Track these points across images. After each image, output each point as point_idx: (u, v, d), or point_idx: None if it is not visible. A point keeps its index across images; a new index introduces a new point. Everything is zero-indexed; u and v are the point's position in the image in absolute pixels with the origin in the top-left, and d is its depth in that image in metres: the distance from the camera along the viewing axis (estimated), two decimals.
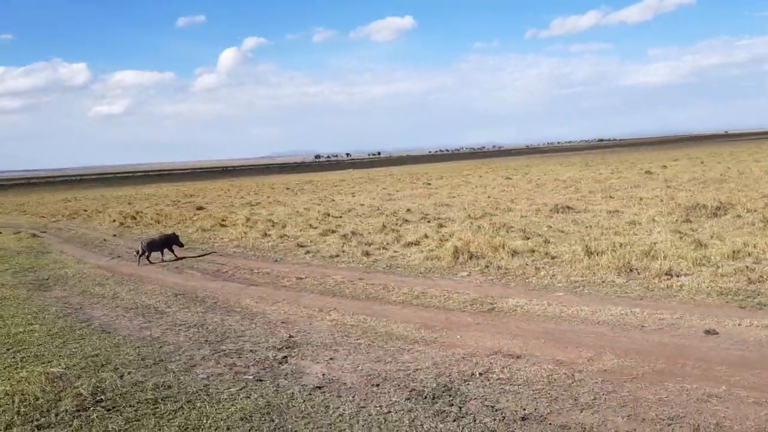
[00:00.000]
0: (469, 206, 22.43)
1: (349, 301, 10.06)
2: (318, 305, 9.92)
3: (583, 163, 59.34)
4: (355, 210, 24.33)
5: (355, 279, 11.68)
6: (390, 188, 38.62)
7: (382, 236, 16.07)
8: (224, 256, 15.88)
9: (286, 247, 15.93)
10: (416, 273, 11.77)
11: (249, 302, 10.52)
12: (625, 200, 20.97)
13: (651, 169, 37.86)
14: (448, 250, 12.88)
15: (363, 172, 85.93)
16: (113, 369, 7.13)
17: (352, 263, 13.27)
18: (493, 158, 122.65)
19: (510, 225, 15.98)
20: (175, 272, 14.17)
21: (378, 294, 10.43)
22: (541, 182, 33.66)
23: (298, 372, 6.82)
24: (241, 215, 25.11)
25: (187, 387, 6.36)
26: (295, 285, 11.64)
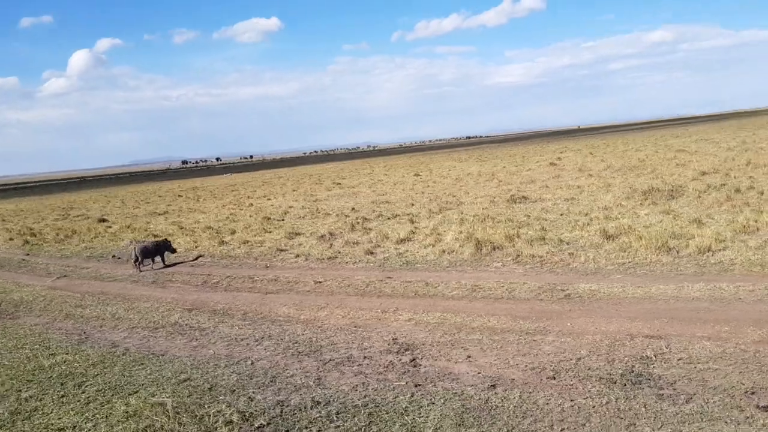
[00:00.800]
0: (416, 201, 22.65)
1: (404, 300, 9.86)
2: (372, 306, 9.70)
3: (474, 159, 61.55)
4: (291, 212, 23.94)
5: (383, 278, 11.50)
6: (300, 190, 38.10)
7: (360, 235, 15.90)
8: (196, 266, 15.12)
9: (263, 253, 15.40)
10: (441, 268, 11.76)
11: (288, 311, 10.07)
12: (565, 189, 21.98)
13: (553, 161, 40.02)
14: (463, 242, 12.96)
15: (244, 176, 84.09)
16: (230, 392, 6.55)
17: (359, 263, 13.04)
18: (375, 157, 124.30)
19: (487, 217, 16.26)
20: (157, 286, 13.37)
21: (426, 291, 10.30)
22: (457, 177, 34.60)
23: (447, 373, 6.58)
24: (166, 225, 23.85)
25: (359, 401, 5.96)
26: (320, 289, 11.31)
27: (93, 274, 15.59)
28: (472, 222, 15.76)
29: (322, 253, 14.25)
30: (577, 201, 18.12)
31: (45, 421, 6.26)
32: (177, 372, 7.38)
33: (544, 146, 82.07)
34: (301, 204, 27.63)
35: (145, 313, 10.80)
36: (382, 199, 25.73)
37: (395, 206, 21.97)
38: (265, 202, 31.95)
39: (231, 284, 12.70)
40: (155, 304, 11.48)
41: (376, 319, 9.03)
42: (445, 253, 12.69)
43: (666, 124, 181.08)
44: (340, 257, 13.78)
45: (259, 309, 10.36)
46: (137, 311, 11.04)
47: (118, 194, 61.15)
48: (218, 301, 11.30)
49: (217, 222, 22.86)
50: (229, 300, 11.28)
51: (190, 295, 12.14)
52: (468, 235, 13.80)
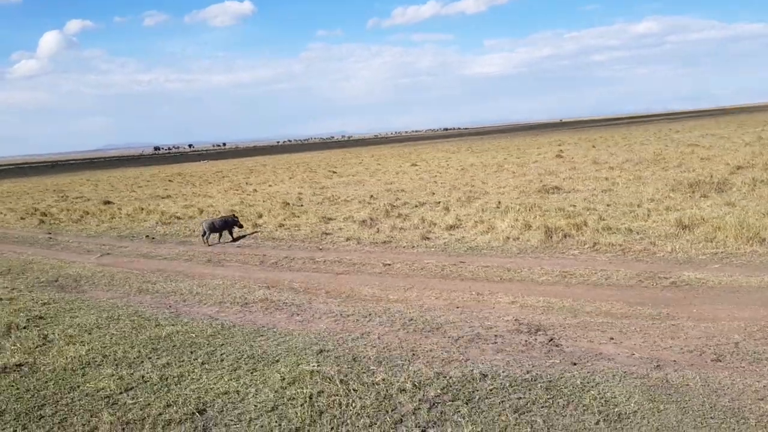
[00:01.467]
0: (435, 191, 23.15)
1: (493, 284, 10.11)
2: (461, 288, 9.96)
3: (465, 150, 62.26)
4: (304, 199, 24.52)
5: (456, 262, 11.74)
6: (297, 178, 38.38)
7: (401, 221, 16.40)
8: (244, 247, 15.20)
9: (306, 236, 15.69)
10: (511, 254, 12.05)
11: (372, 290, 10.27)
12: (594, 181, 22.42)
13: (558, 153, 40.61)
14: (521, 229, 13.39)
15: (223, 163, 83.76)
16: (378, 362, 6.81)
17: (417, 247, 13.45)
18: (353, 147, 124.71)
19: (533, 206, 16.63)
20: (213, 265, 13.58)
21: (511, 275, 10.55)
22: (461, 168, 35.19)
23: (597, 353, 6.78)
24: (179, 207, 24.07)
25: (526, 375, 6.20)
26: (391, 271, 11.61)
27: (136, 253, 15.61)
28: (519, 210, 15.97)
29: (373, 237, 14.48)
30: (616, 192, 18.48)
31: (201, 386, 6.34)
32: (307, 344, 7.49)
33: (533, 139, 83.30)
34: (311, 191, 27.77)
35: (224, 290, 10.88)
36: (393, 187, 26.14)
37: (413, 195, 22.52)
38: (269, 188, 32.05)
39: (292, 264, 12.85)
40: (226, 282, 11.57)
41: (474, 300, 9.21)
42: (510, 239, 12.91)
43: (654, 118, 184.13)
44: (395, 242, 14.01)
45: (338, 288, 10.51)
46: (212, 287, 11.12)
47: (100, 178, 60.46)
48: (291, 279, 11.46)
49: (233, 206, 22.82)
50: (301, 279, 11.42)
51: (256, 273, 12.26)
52: (525, 223, 14.06)
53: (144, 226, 19.97)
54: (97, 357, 7.46)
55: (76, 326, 8.89)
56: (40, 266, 14.31)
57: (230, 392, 6.09)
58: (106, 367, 7.06)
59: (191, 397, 6.05)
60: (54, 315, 9.70)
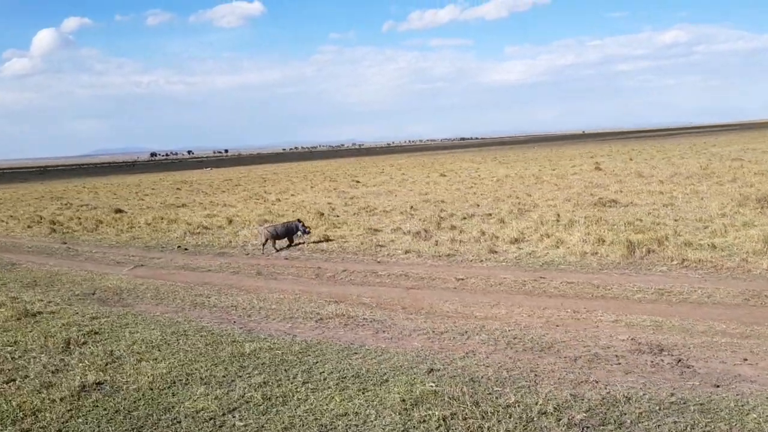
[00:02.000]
0: (479, 202, 23.57)
1: (587, 301, 10.06)
2: (554, 305, 9.96)
3: (491, 161, 62.82)
4: (337, 209, 24.85)
5: (536, 278, 11.74)
6: (320, 186, 38.90)
7: (457, 234, 16.59)
8: (293, 259, 15.31)
9: (359, 248, 15.84)
10: (593, 269, 12.06)
11: (453, 306, 10.31)
12: (648, 195, 22.50)
13: (596, 165, 40.70)
14: (594, 243, 13.48)
15: (228, 171, 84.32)
16: (499, 383, 6.68)
17: (486, 261, 13.57)
18: (366, 156, 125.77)
19: (600, 219, 16.64)
20: (265, 278, 13.63)
21: (603, 293, 10.51)
22: (497, 179, 35.66)
23: (735, 375, 6.68)
24: (202, 217, 24.32)
25: (671, 398, 6.09)
26: (466, 287, 11.71)
27: (172, 265, 15.71)
28: (585, 224, 15.94)
29: (435, 250, 14.57)
30: (678, 207, 18.44)
31: (312, 407, 6.25)
32: (411, 362, 7.40)
33: (559, 150, 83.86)
34: (341, 201, 27.94)
35: (289, 304, 10.88)
36: (431, 198, 26.45)
37: (456, 206, 22.95)
38: (293, 197, 32.17)
39: (353, 278, 12.90)
40: (287, 296, 11.57)
41: (572, 319, 9.14)
42: (587, 254, 12.85)
43: (682, 132, 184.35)
44: (459, 255, 14.04)
45: (415, 304, 10.49)
46: (275, 302, 11.11)
47: (96, 185, 60.67)
48: (359, 294, 11.51)
49: (260, 216, 22.92)
50: (370, 294, 11.46)
51: (316, 287, 12.30)
52: (598, 237, 14.01)
53: (171, 236, 19.98)
54: (181, 375, 7.36)
55: (141, 342, 8.81)
56: (69, 278, 14.29)
57: (349, 414, 5.98)
58: (196, 386, 6.96)
59: (308, 419, 5.93)
60: (110, 330, 9.62)
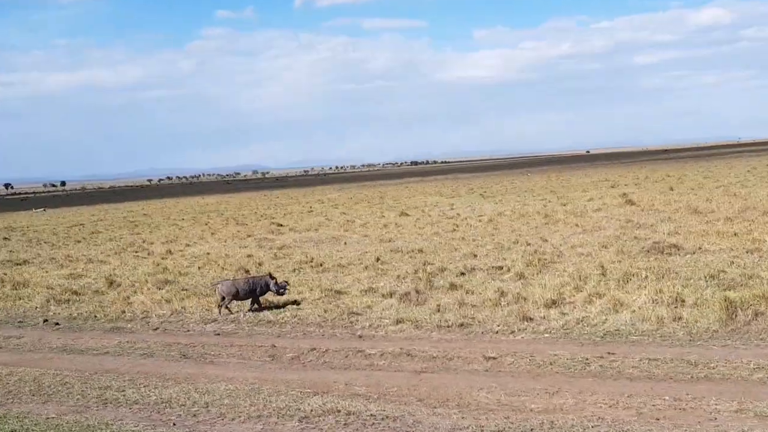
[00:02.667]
0: (476, 251, 24.47)
1: (685, 386, 10.43)
2: (638, 392, 10.33)
3: (466, 192, 64.14)
4: (264, 264, 25.46)
5: (601, 354, 12.18)
6: (226, 233, 40.61)
7: (459, 294, 17.13)
8: (225, 335, 15.87)
9: (321, 317, 16.44)
10: (680, 341, 12.55)
11: (498, 397, 10.58)
12: (717, 237, 23.26)
13: (627, 198, 41.82)
14: (668, 305, 14.14)
15: (66, 212, 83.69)
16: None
17: (519, 333, 14.04)
18: (273, 189, 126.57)
19: (668, 271, 17.35)
20: (197, 362, 13.85)
21: (702, 373, 10.90)
22: (488, 218, 36.83)
23: None
24: (62, 278, 24.52)
25: None
26: (501, 368, 12.06)
27: (45, 346, 15.91)
28: (647, 278, 16.41)
29: (440, 319, 15.05)
30: (766, 254, 19.05)
31: None
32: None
33: (560, 176, 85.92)
34: (268, 253, 28.56)
35: (247, 398, 11.13)
36: (399, 246, 27.13)
37: (442, 257, 23.77)
38: (190, 249, 32.53)
39: (330, 360, 13.32)
40: (240, 386, 11.82)
41: (675, 409, 9.50)
42: (666, 320, 13.36)
43: (729, 151, 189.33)
44: (477, 325, 14.58)
45: (436, 394, 10.85)
46: (224, 395, 11.36)
47: None
48: (348, 382, 11.77)
49: (149, 275, 23.75)
50: (364, 381, 11.76)
51: (277, 373, 12.64)
52: (674, 296, 14.52)
53: (26, 306, 20.04)
54: None
55: None
56: None
57: None
58: None
59: None
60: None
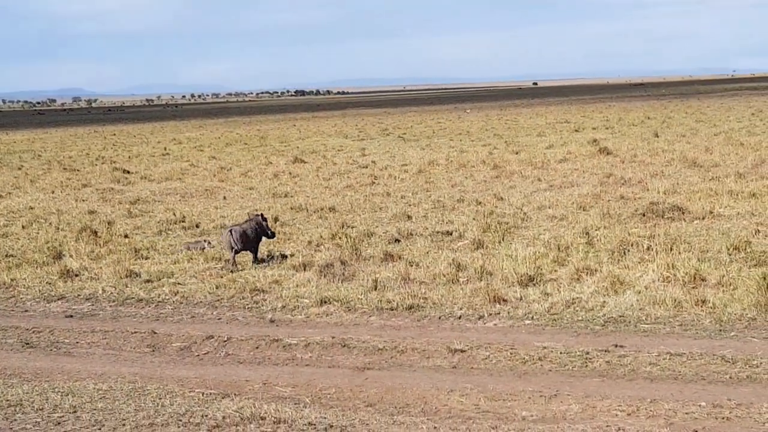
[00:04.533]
0: (412, 210, 25.42)
1: (722, 388, 10.70)
2: (669, 396, 10.58)
3: (380, 133, 65.63)
4: (119, 224, 25.84)
5: (605, 347, 12.32)
6: (51, 180, 41.11)
7: (397, 266, 17.59)
8: (80, 317, 16.09)
9: (214, 294, 16.76)
10: (706, 330, 12.89)
11: (477, 401, 10.63)
12: (729, 197, 23.99)
13: (596, 143, 42.62)
14: (685, 285, 14.78)
15: None
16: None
17: (494, 317, 14.33)
18: (108, 124, 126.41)
19: (676, 240, 18.05)
20: (52, 353, 14.05)
21: (742, 372, 11.13)
22: (417, 167, 38.16)
23: None
24: None
25: None
26: (477, 365, 12.33)
27: None
28: (651, 250, 16.79)
29: (380, 299, 15.31)
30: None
31: None
32: None
33: (507, 116, 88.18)
34: (117, 208, 29.17)
35: (128, 400, 11.23)
36: (301, 203, 28.03)
37: (364, 218, 24.66)
38: (2, 200, 32.66)
39: (237, 352, 13.52)
40: (114, 384, 11.91)
41: (718, 419, 9.73)
42: (685, 304, 13.63)
43: (722, 85, 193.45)
44: (432, 307, 14.80)
45: (389, 397, 11.03)
46: (97, 396, 11.38)
47: None
48: (264, 380, 11.97)
49: None
50: (287, 379, 11.97)
51: (166, 369, 12.81)
52: (691, 273, 14.96)
53: None
54: None
55: None
56: None
57: None
58: None
59: None
60: None
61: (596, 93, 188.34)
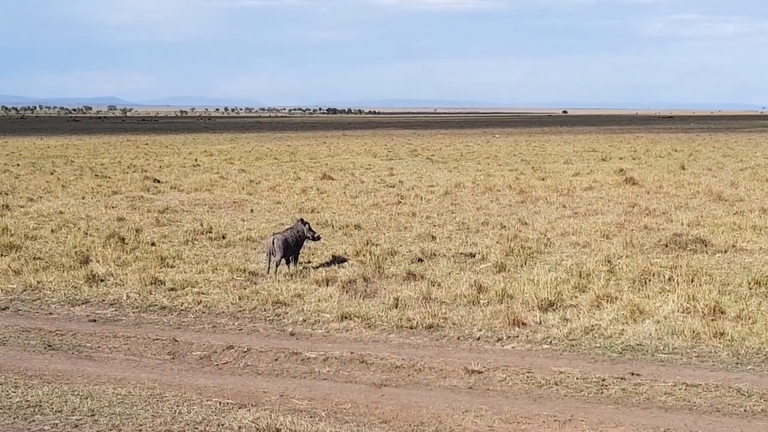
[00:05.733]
0: (436, 231, 25.28)
1: (734, 421, 10.47)
2: (679, 426, 10.53)
3: (408, 153, 64.95)
4: (146, 232, 25.85)
5: (623, 375, 12.17)
6: (83, 186, 40.95)
7: (418, 285, 17.47)
8: (103, 322, 16.07)
9: (235, 305, 16.76)
10: (723, 362, 12.76)
11: (491, 423, 10.50)
12: (753, 232, 23.82)
13: (625, 174, 42.51)
14: (704, 317, 14.61)
15: None
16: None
17: (512, 340, 14.33)
18: (135, 133, 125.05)
19: (698, 273, 17.82)
20: (73, 356, 13.97)
21: (761, 406, 11.07)
22: (444, 189, 37.81)
23: None
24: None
25: None
26: (493, 386, 12.23)
27: None
28: (671, 280, 16.78)
29: (401, 317, 15.32)
30: None
31: None
32: None
33: (535, 143, 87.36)
34: (146, 216, 28.83)
35: (147, 406, 11.14)
36: (326, 219, 27.89)
37: (389, 236, 24.71)
38: (32, 204, 32.83)
39: (255, 363, 13.45)
40: (134, 390, 11.80)
41: None
42: (703, 336, 13.62)
43: (751, 122, 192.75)
44: (452, 328, 14.81)
45: (404, 415, 10.89)
46: (116, 401, 11.29)
47: None
48: (282, 392, 11.82)
49: None
50: (304, 393, 11.84)
51: (184, 377, 12.72)
52: (711, 305, 14.93)
53: None
54: None
55: None
56: None
57: None
58: None
59: None
60: None
61: (624, 123, 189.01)
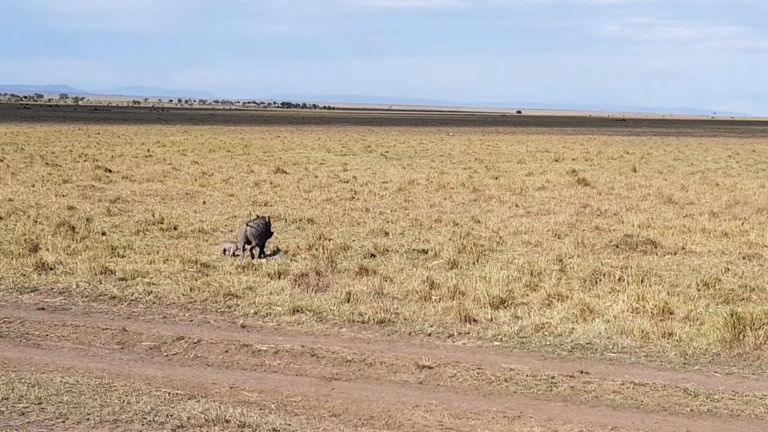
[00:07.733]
0: (390, 227, 25.47)
1: (681, 420, 10.60)
2: (632, 425, 10.62)
3: (363, 149, 65.30)
4: (97, 222, 25.85)
5: (572, 373, 12.25)
6: (31, 174, 40.73)
7: (369, 280, 17.58)
8: (51, 310, 15.96)
9: (187, 296, 16.67)
10: (671, 363, 12.85)
11: (441, 418, 10.48)
12: (703, 235, 24.20)
13: (576, 175, 42.76)
14: (653, 316, 14.75)
15: None
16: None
17: (463, 337, 14.33)
18: (84, 122, 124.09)
19: (646, 274, 17.97)
20: (20, 344, 13.92)
21: (706, 406, 11.03)
22: (398, 185, 38.08)
23: None
24: None
25: None
26: (443, 382, 12.28)
27: None
28: (621, 281, 16.89)
29: (352, 312, 15.33)
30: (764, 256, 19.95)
31: None
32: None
33: (489, 142, 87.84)
34: (97, 206, 28.98)
35: (96, 395, 11.08)
36: (279, 212, 27.95)
37: (342, 231, 24.79)
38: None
39: (206, 355, 13.40)
40: (82, 379, 11.75)
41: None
42: (652, 336, 13.73)
43: (702, 126, 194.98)
44: (403, 323, 14.83)
45: (354, 409, 10.88)
46: (63, 390, 11.20)
47: None
48: (231, 383, 11.82)
49: None
50: (254, 385, 11.81)
51: (134, 367, 12.64)
52: (660, 305, 15.04)
53: None
54: None
55: None
56: None
57: None
58: None
59: None
60: None
61: (578, 125, 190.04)
